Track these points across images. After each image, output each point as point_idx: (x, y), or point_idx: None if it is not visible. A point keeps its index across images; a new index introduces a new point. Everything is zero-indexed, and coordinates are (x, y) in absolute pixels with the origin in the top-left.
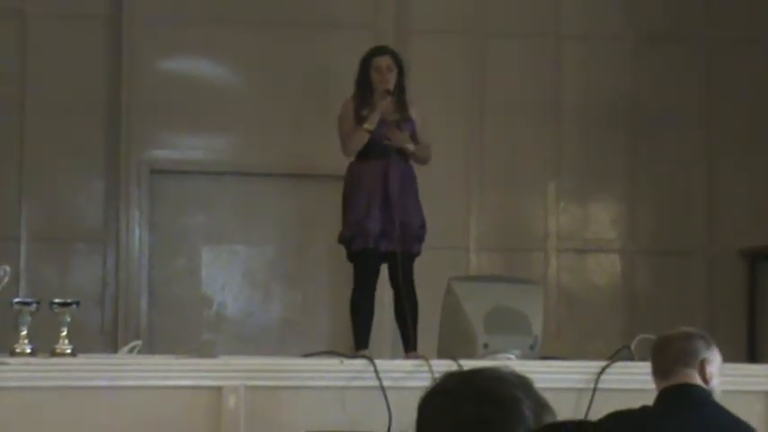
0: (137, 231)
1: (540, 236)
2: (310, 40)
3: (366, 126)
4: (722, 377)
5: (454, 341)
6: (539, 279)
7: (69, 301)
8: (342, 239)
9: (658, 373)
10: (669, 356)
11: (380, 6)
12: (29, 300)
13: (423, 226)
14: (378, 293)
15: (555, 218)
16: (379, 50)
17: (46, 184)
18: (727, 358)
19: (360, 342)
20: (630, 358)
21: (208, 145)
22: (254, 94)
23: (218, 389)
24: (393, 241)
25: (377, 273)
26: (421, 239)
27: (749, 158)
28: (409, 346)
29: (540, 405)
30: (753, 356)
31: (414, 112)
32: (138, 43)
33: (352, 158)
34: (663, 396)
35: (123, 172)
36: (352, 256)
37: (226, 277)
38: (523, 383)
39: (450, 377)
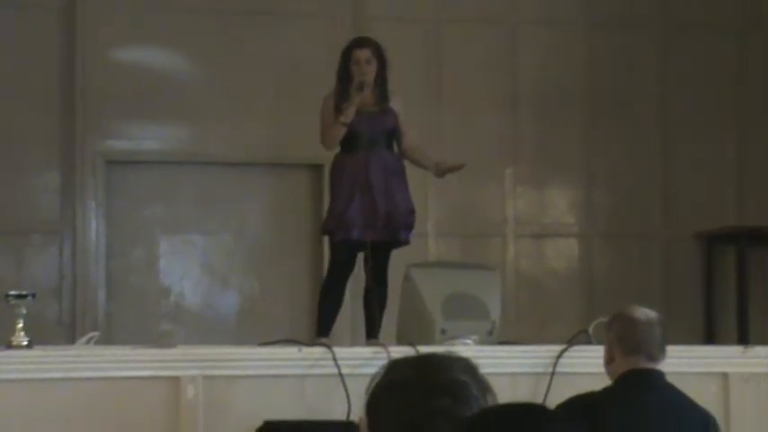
0: (93, 223)
1: (497, 221)
2: (267, 29)
3: (342, 119)
4: (680, 359)
5: (412, 327)
6: (497, 264)
7: (25, 293)
8: (325, 230)
9: (641, 354)
10: (655, 341)
11: None
12: None
13: (412, 212)
14: None
15: (512, 203)
16: (359, 42)
17: (1, 177)
18: (684, 340)
19: (321, 330)
20: (588, 342)
21: (164, 135)
22: (210, 84)
23: (176, 379)
24: (376, 231)
25: (353, 264)
26: (409, 226)
27: (704, 142)
28: (371, 333)
29: (485, 387)
30: (709, 338)
31: (395, 104)
32: (92, 33)
33: (333, 151)
34: (631, 378)
35: (79, 163)
36: (333, 247)
37: (184, 267)
38: (469, 367)
39: (398, 367)
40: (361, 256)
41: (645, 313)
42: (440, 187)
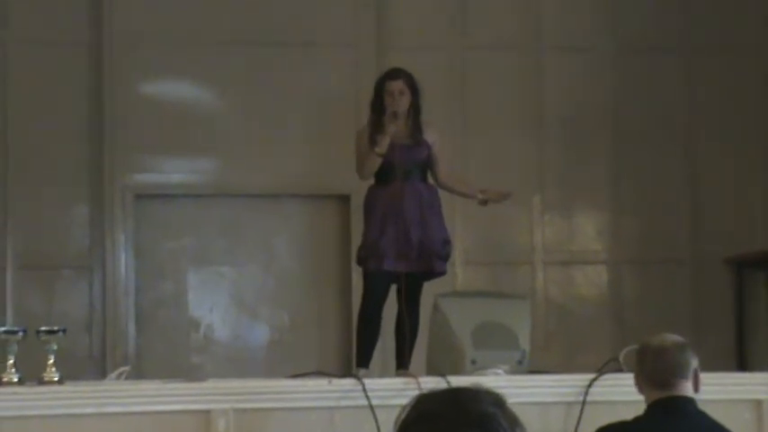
0: (122, 256)
1: (526, 249)
2: (292, 59)
3: (377, 150)
4: (712, 386)
5: (442, 358)
6: (526, 293)
7: (56, 328)
8: (358, 259)
9: (653, 383)
10: (666, 368)
11: (361, 24)
12: (15, 328)
13: (447, 243)
14: None
15: (540, 231)
16: (392, 74)
17: (30, 212)
18: (717, 367)
19: (361, 360)
20: (619, 370)
21: (191, 168)
22: (236, 115)
23: (207, 412)
24: (409, 261)
25: (386, 293)
26: (444, 257)
27: (732, 166)
28: (402, 363)
29: (514, 420)
30: (741, 364)
31: (430, 135)
32: (119, 67)
33: (368, 181)
34: (657, 407)
35: (107, 197)
36: (366, 276)
37: (213, 300)
38: (497, 400)
39: (426, 400)
40: (394, 286)
41: (660, 340)
42: (467, 216)
